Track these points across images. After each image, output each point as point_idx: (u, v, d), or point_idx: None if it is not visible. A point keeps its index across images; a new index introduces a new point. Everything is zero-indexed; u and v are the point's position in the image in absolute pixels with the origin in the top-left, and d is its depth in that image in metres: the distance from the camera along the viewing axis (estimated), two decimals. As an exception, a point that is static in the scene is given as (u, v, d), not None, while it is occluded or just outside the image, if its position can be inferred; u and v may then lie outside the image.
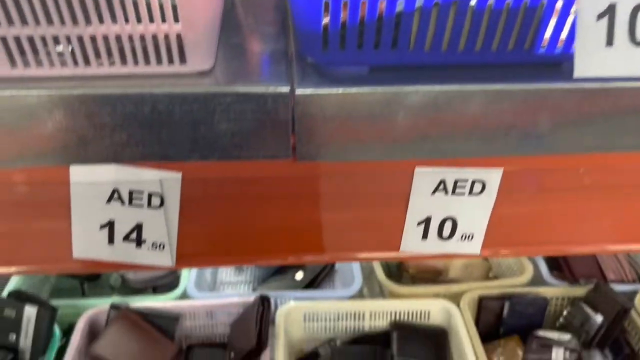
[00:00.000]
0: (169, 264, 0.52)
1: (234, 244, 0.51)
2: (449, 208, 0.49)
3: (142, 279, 1.44)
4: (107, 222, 0.49)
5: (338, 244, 0.51)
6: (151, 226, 0.49)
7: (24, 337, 1.13)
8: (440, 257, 0.53)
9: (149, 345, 1.18)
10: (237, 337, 1.18)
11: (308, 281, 1.47)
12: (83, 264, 0.51)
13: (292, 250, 0.51)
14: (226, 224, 0.50)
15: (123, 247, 0.51)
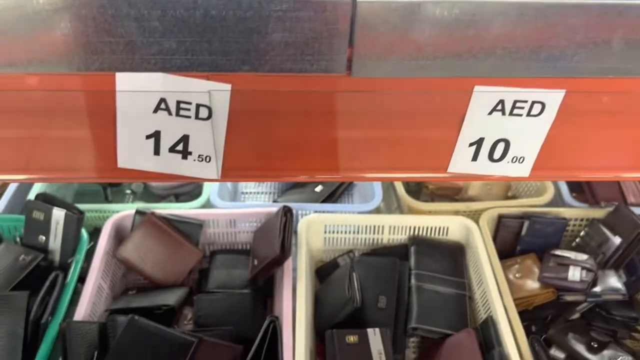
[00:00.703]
0: (215, 176, 0.51)
1: (280, 159, 0.50)
2: (504, 129, 0.48)
3: (164, 186, 1.45)
4: (153, 132, 0.48)
5: (387, 163, 0.50)
6: (198, 138, 0.48)
7: (53, 239, 1.16)
8: (488, 179, 0.52)
9: (175, 250, 1.22)
10: (261, 245, 1.21)
11: (327, 194, 1.48)
12: (127, 173, 0.50)
13: (340, 168, 0.50)
14: (273, 139, 0.48)
15: (169, 158, 0.50)
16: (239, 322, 1.12)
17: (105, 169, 0.50)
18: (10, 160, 0.51)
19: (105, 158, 0.50)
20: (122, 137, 0.48)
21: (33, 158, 0.51)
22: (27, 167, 0.52)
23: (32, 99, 0.46)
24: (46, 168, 0.51)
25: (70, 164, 0.51)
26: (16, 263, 1.12)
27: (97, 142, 0.49)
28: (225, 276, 1.21)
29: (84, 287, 1.09)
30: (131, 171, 0.50)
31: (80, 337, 0.98)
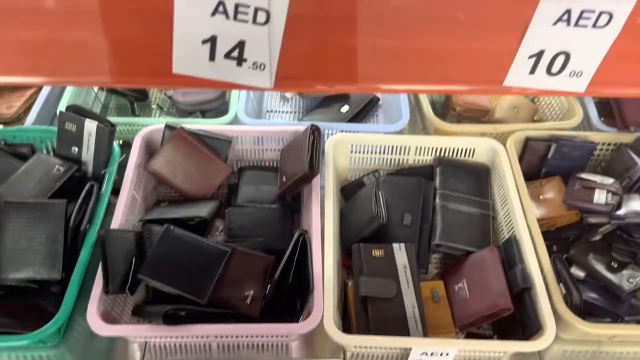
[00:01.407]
0: (268, 85, 0.51)
1: (336, 68, 0.49)
2: (567, 41, 0.47)
3: (191, 101, 1.45)
4: (210, 37, 0.47)
5: (442, 74, 0.50)
6: (254, 44, 0.48)
7: (86, 151, 1.18)
8: (542, 93, 0.51)
9: (204, 165, 1.24)
10: (289, 163, 1.22)
11: (353, 114, 1.48)
12: (182, 79, 0.50)
13: (394, 79, 0.50)
14: (331, 46, 0.48)
15: (223, 64, 0.50)
16: (268, 234, 1.16)
17: (160, 74, 0.50)
18: (63, 63, 0.51)
19: (160, 63, 0.50)
20: (179, 41, 0.48)
21: (86, 61, 0.51)
22: (79, 71, 0.52)
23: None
24: (99, 72, 0.51)
25: (124, 68, 0.51)
26: (51, 173, 1.15)
27: (153, 47, 0.49)
28: (254, 191, 1.24)
29: (119, 198, 1.12)
30: (185, 77, 0.51)
31: (118, 244, 1.02)
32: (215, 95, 1.47)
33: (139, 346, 1.05)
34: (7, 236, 1.04)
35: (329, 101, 1.53)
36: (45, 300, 1.06)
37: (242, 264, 1.05)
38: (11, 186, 1.13)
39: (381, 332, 0.99)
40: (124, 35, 0.48)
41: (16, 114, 1.36)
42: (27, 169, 1.15)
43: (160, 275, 1.00)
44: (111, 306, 1.02)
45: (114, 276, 0.99)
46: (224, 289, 1.02)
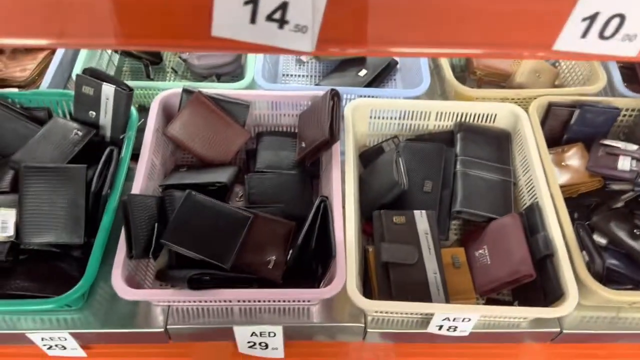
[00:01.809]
0: (309, 49, 0.49)
1: (383, 29, 0.47)
2: (623, 3, 0.45)
3: (206, 65, 1.43)
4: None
5: (489, 37, 0.48)
6: (297, 5, 0.46)
7: (104, 115, 1.17)
8: (593, 57, 0.50)
9: (223, 129, 1.22)
10: (308, 128, 1.21)
11: (371, 79, 1.45)
12: (221, 43, 0.49)
13: (438, 42, 0.48)
14: (379, 6, 0.46)
15: (264, 27, 0.48)
16: (288, 200, 1.15)
17: (200, 38, 0.49)
18: (84, 24, 0.49)
19: (198, 25, 0.48)
20: (220, 2, 0.46)
21: (110, 22, 0.49)
22: (102, 33, 0.50)
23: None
24: (128, 34, 0.50)
25: (164, 31, 0.49)
26: (69, 138, 1.14)
27: (193, 8, 0.47)
28: (273, 157, 1.23)
29: (138, 163, 1.11)
30: (225, 40, 0.49)
31: (140, 209, 1.02)
32: (231, 59, 1.44)
33: (162, 310, 1.06)
34: (28, 200, 1.04)
35: (345, 65, 1.50)
36: (67, 264, 1.07)
37: (264, 229, 1.05)
38: (29, 151, 1.12)
39: (403, 298, 0.99)
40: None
41: (30, 76, 1.34)
42: (44, 133, 1.14)
43: (183, 240, 1.01)
44: (134, 271, 1.02)
45: (137, 241, 0.99)
46: (246, 254, 1.03)
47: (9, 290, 1.00)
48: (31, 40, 0.52)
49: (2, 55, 1.38)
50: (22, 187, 1.04)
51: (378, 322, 1.06)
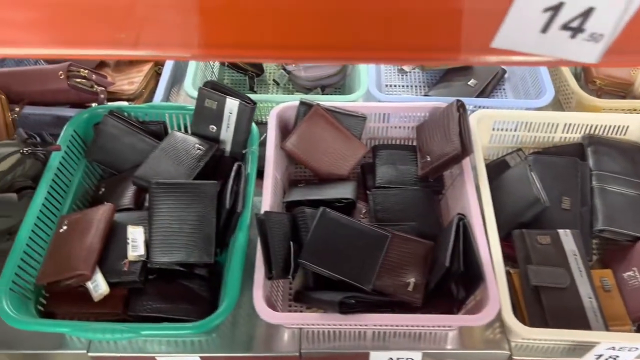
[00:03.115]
0: (594, 60, 0.44)
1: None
2: None
3: (312, 76, 1.39)
4: (557, 4, 0.40)
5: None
6: (605, 11, 0.41)
7: (225, 129, 1.13)
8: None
9: (341, 143, 1.18)
10: (432, 141, 1.15)
11: (481, 88, 1.39)
12: (499, 53, 0.44)
13: None
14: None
15: (554, 37, 0.42)
16: (416, 218, 1.10)
17: (474, 49, 0.44)
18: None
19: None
20: (518, 9, 0.41)
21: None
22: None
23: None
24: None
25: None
26: (192, 152, 1.11)
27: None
28: (393, 171, 1.18)
29: (264, 178, 1.07)
30: (502, 51, 0.44)
31: (276, 227, 0.97)
32: (336, 70, 1.40)
33: (293, 333, 1.02)
34: (158, 218, 1.01)
35: (452, 74, 1.44)
36: (195, 284, 1.03)
37: (402, 249, 1.00)
38: (152, 166, 1.09)
39: (558, 324, 0.92)
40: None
41: (138, 89, 1.32)
42: (165, 148, 1.11)
43: (321, 260, 0.96)
44: (269, 291, 0.98)
45: (277, 261, 0.94)
46: (385, 276, 0.97)
47: (142, 312, 0.97)
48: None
49: (108, 68, 1.37)
50: (153, 204, 1.01)
51: (521, 348, 1.00)
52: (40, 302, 0.99)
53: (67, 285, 0.97)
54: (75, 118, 1.15)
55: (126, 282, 0.97)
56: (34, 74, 1.19)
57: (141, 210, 1.07)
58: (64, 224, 1.03)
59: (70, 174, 1.12)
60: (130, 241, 1.00)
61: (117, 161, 1.15)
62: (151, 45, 0.46)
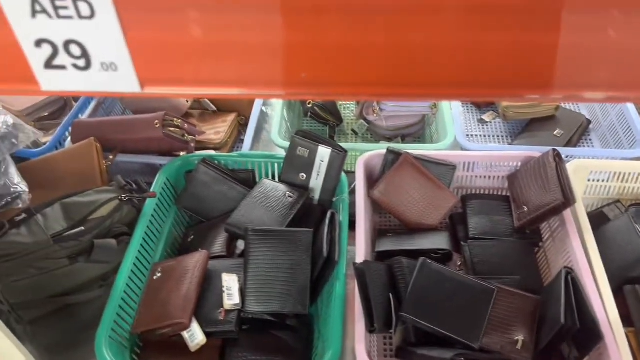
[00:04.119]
0: None
1: None
2: None
3: (393, 126, 1.38)
4: None
5: None
6: None
7: (315, 177, 1.12)
8: None
9: (431, 192, 1.15)
10: (530, 191, 1.11)
11: (568, 139, 1.36)
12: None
13: None
14: None
15: None
16: (515, 271, 1.04)
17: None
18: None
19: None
20: None
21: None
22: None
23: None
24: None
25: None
26: (283, 200, 1.10)
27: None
28: (487, 222, 1.14)
29: (357, 227, 1.04)
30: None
31: (375, 278, 0.94)
32: (417, 120, 1.39)
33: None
34: (253, 265, 0.99)
35: (536, 124, 1.42)
36: (287, 335, 0.99)
37: (509, 304, 0.95)
38: (244, 213, 1.08)
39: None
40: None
41: (224, 139, 1.34)
42: (256, 196, 1.11)
43: (424, 314, 0.92)
44: (369, 346, 0.93)
45: (378, 314, 0.90)
46: (492, 332, 0.92)
47: (239, 364, 0.94)
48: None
49: (192, 118, 1.40)
50: (248, 251, 1.00)
51: (641, 417, 0.92)
52: (135, 351, 0.97)
53: (162, 334, 0.95)
54: (168, 166, 1.16)
55: (222, 331, 0.95)
56: (129, 122, 1.22)
57: (232, 258, 1.06)
58: (158, 271, 1.03)
59: (162, 221, 1.12)
60: (226, 289, 0.98)
61: (207, 209, 1.16)
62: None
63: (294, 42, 0.42)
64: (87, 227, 1.01)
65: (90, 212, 1.02)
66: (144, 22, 0.42)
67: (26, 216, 1.00)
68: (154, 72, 0.45)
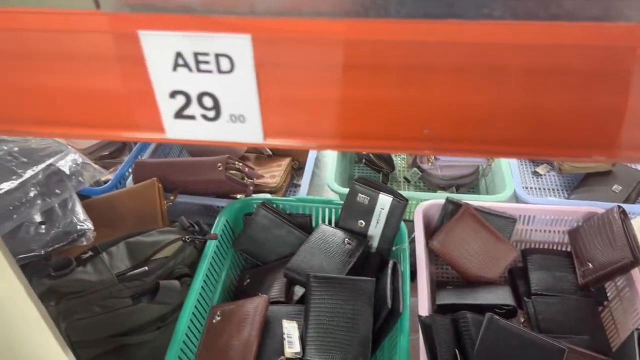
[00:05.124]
0: None
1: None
2: None
3: (448, 175, 1.38)
4: None
5: None
6: None
7: (374, 225, 1.12)
8: None
9: (492, 245, 1.14)
10: (595, 248, 1.09)
11: (627, 195, 1.33)
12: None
13: None
14: None
15: None
16: (580, 330, 1.01)
17: None
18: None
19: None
20: None
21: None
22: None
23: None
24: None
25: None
26: (342, 247, 1.09)
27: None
28: (548, 278, 1.11)
29: (418, 278, 1.03)
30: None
31: (441, 332, 0.92)
32: (471, 170, 1.39)
33: None
34: (315, 313, 0.98)
35: (592, 179, 1.40)
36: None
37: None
38: (304, 259, 1.08)
39: None
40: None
41: (279, 183, 1.35)
42: (315, 241, 1.11)
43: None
44: (433, 403, 0.91)
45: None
46: (563, 395, 0.88)
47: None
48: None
49: (249, 162, 1.42)
50: (310, 298, 0.99)
51: None
52: (193, 395, 0.96)
53: (222, 379, 0.94)
54: (228, 208, 1.17)
55: (283, 380, 0.93)
56: (192, 164, 1.24)
57: (291, 304, 1.05)
58: (217, 314, 1.02)
59: (221, 263, 1.12)
60: (286, 336, 0.97)
61: (264, 252, 1.16)
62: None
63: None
64: (150, 267, 1.01)
65: (153, 252, 1.03)
66: (277, 78, 0.43)
67: (92, 254, 1.01)
68: (277, 125, 0.46)
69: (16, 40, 0.42)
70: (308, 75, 0.43)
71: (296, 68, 0.42)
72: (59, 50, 0.43)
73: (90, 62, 0.43)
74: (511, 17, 0.36)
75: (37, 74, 0.44)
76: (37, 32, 0.41)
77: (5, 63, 0.43)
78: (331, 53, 0.41)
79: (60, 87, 0.45)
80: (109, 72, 0.44)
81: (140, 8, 0.39)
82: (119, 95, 0.45)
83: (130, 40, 0.41)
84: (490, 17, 0.36)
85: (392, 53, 0.41)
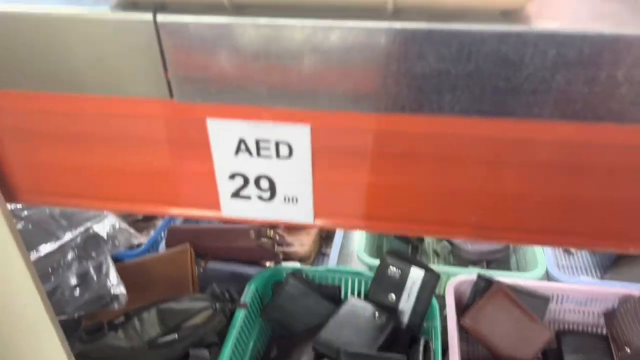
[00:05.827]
0: None
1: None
2: None
3: (479, 250, 1.37)
4: None
5: None
6: None
7: (405, 299, 1.11)
8: None
9: (525, 325, 1.11)
10: (631, 332, 1.06)
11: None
12: None
13: None
14: None
15: None
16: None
17: None
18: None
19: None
20: None
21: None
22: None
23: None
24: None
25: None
26: (372, 322, 1.08)
27: None
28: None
29: (450, 356, 1.01)
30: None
31: (475, 416, 0.89)
32: (502, 246, 1.38)
33: None
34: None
35: (626, 258, 1.37)
36: None
37: None
38: (333, 332, 1.07)
39: None
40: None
41: (308, 252, 1.36)
42: (344, 314, 1.10)
43: None
44: None
45: None
46: None
47: None
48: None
49: (278, 229, 1.43)
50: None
51: None
52: None
53: None
54: (258, 276, 1.18)
55: None
56: (224, 232, 1.26)
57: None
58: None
59: (249, 332, 1.12)
60: (315, 413, 0.95)
61: (292, 322, 1.15)
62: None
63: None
64: (180, 335, 1.01)
65: (184, 320, 1.03)
66: (330, 164, 0.45)
67: (124, 320, 1.02)
68: (327, 207, 0.48)
69: (95, 124, 0.45)
70: (359, 162, 0.45)
71: (348, 155, 0.45)
72: (126, 133, 0.46)
73: (158, 145, 0.46)
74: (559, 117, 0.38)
75: (107, 154, 0.47)
76: (112, 117, 0.45)
77: (85, 145, 0.47)
78: (383, 143, 0.43)
79: (126, 168, 0.48)
80: (173, 154, 0.46)
81: (209, 98, 0.42)
82: (181, 174, 0.47)
83: (197, 125, 0.44)
84: (540, 116, 0.39)
85: (439, 145, 0.43)
